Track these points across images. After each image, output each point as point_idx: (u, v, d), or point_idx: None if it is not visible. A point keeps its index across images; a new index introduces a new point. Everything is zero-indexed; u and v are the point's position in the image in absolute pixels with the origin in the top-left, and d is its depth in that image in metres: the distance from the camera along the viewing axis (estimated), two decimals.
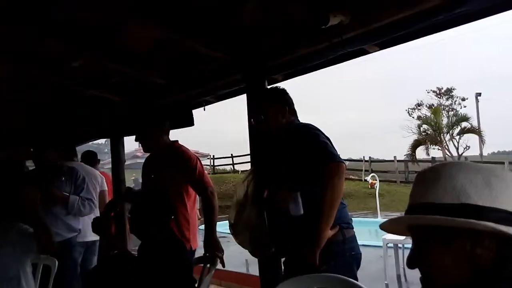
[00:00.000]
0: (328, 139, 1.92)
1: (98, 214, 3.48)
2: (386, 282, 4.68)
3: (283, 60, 2.63)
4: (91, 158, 4.38)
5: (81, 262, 3.42)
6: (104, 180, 4.14)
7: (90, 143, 5.73)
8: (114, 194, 4.14)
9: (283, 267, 2.16)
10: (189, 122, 3.72)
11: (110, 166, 4.40)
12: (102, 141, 5.77)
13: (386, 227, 0.93)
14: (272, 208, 1.97)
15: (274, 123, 2.06)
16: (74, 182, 3.16)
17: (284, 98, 2.13)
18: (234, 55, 2.83)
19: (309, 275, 1.70)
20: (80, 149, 4.66)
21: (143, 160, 2.92)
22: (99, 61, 3.43)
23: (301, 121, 2.13)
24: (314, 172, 1.82)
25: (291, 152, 1.94)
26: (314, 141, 1.87)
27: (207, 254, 2.45)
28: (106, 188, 4.10)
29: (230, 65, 2.94)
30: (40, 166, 3.13)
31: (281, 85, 2.37)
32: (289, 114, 2.09)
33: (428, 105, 24.17)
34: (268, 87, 2.60)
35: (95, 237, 3.77)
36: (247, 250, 2.28)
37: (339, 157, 1.85)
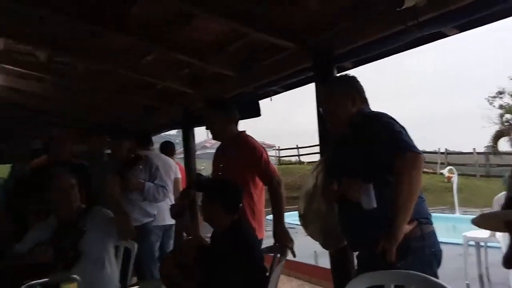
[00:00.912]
0: (404, 128, 1.82)
1: (172, 201, 3.66)
2: (467, 282, 4.38)
3: (353, 46, 2.54)
4: (168, 148, 4.59)
5: (159, 245, 3.63)
6: (178, 169, 4.31)
7: (163, 133, 6.00)
8: (187, 183, 4.30)
9: (356, 262, 2.10)
10: (256, 113, 3.75)
11: (181, 156, 4.58)
12: (173, 132, 6.09)
13: (479, 222, 0.85)
14: (343, 200, 1.91)
15: (344, 112, 1.99)
16: (149, 170, 3.33)
17: (354, 86, 2.04)
18: (302, 43, 2.78)
19: (386, 271, 1.63)
20: (155, 139, 4.87)
21: (211, 150, 3.00)
22: (170, 54, 3.57)
23: (372, 110, 2.04)
24: (389, 163, 1.74)
25: (363, 142, 1.86)
26: (389, 130, 1.78)
27: (277, 244, 2.45)
28: (180, 176, 4.27)
29: (298, 54, 2.90)
30: (118, 155, 3.33)
31: (351, 72, 2.29)
32: (360, 102, 2.01)
33: (511, 93, 22.12)
34: (337, 75, 2.52)
35: (171, 222, 3.97)
36: (316, 242, 2.24)
37: (416, 147, 1.75)
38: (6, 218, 4.39)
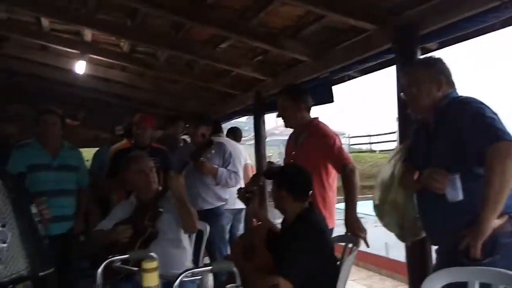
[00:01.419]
0: (496, 114, 1.64)
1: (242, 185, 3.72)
2: None
3: (439, 25, 2.34)
4: (236, 134, 4.66)
5: (229, 228, 3.73)
6: (248, 155, 4.36)
7: (233, 120, 6.08)
8: (256, 169, 4.34)
9: (435, 256, 1.96)
10: (329, 98, 3.65)
11: (249, 142, 4.62)
12: (243, 119, 6.17)
13: None
14: (423, 191, 1.78)
15: (427, 97, 1.83)
16: (222, 156, 3.42)
17: (439, 68, 1.87)
18: (383, 23, 2.63)
19: (471, 268, 1.50)
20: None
21: (279, 137, 2.97)
22: (245, 41, 3.59)
23: (461, 94, 1.86)
24: (478, 153, 1.58)
25: (449, 130, 1.71)
26: (479, 116, 1.61)
27: (349, 234, 2.38)
28: (249, 162, 4.33)
29: (378, 35, 2.75)
30: (194, 141, 3.44)
31: (436, 54, 2.10)
32: (446, 86, 1.84)
33: None
34: (421, 56, 2.34)
35: (242, 206, 4.05)
36: (388, 233, 2.13)
37: (510, 135, 1.57)
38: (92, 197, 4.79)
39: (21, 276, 1.84)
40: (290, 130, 2.79)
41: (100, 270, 1.81)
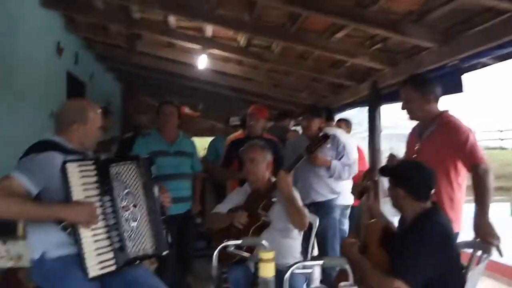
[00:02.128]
0: None
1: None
2: None
3: None
4: (347, 126, 4.50)
5: None
6: (356, 149, 4.18)
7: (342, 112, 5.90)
8: (370, 163, 4.14)
9: None
10: (458, 88, 3.29)
11: (359, 136, 4.41)
12: (353, 111, 5.88)
13: None
14: None
15: None
16: (336, 148, 3.34)
17: None
18: None
19: None
20: None
21: (398, 131, 2.76)
22: (363, 29, 3.43)
23: None
24: None
25: None
26: None
27: (478, 240, 2.12)
28: (357, 156, 4.15)
29: None
30: (308, 133, 3.41)
31: None
32: None
33: None
34: None
35: (350, 202, 3.93)
36: None
37: None
38: (207, 184, 5.11)
39: (147, 254, 2.01)
40: (403, 124, 2.58)
41: (215, 253, 1.89)
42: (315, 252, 3.27)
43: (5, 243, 2.46)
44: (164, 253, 2.07)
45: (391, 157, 2.48)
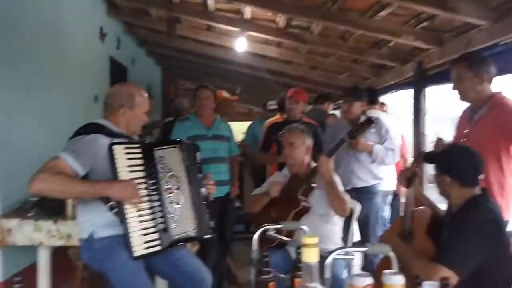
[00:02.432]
0: None
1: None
2: None
3: None
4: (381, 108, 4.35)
5: None
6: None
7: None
8: (415, 148, 4.01)
9: None
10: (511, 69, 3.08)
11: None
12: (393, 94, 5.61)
13: None
14: None
15: None
16: (378, 132, 3.22)
17: None
18: None
19: None
20: None
21: (443, 115, 2.62)
22: (410, 7, 3.27)
23: None
24: None
25: None
26: None
27: None
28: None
29: None
30: (349, 116, 3.31)
31: None
32: None
33: None
34: None
35: (391, 188, 3.83)
36: None
37: None
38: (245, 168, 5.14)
39: (190, 237, 2.05)
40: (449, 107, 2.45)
41: (255, 236, 1.89)
42: (355, 238, 3.22)
43: (56, 223, 2.58)
44: (207, 236, 2.10)
45: (439, 141, 2.37)
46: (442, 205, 2.19)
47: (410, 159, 4.10)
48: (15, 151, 2.92)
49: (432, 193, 2.32)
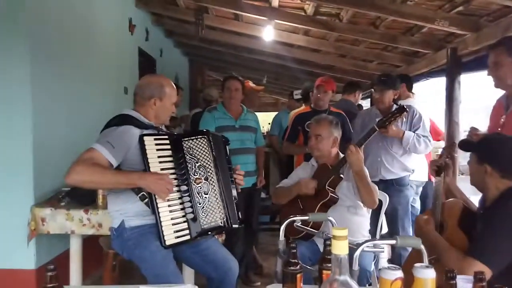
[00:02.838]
0: None
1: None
2: None
3: None
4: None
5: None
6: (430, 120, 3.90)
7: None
8: (448, 137, 3.87)
9: None
10: None
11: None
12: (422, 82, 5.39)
13: None
14: None
15: None
16: (410, 119, 3.09)
17: None
18: None
19: None
20: None
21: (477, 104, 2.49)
22: None
23: None
24: None
25: None
26: None
27: None
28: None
29: None
30: (380, 105, 3.18)
31: None
32: None
33: None
34: None
35: (422, 179, 3.71)
36: None
37: None
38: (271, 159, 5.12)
39: (218, 226, 2.06)
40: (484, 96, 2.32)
41: (283, 227, 1.88)
42: (383, 231, 3.15)
43: (87, 212, 2.66)
44: (235, 226, 2.11)
45: (473, 130, 2.27)
46: (473, 198, 2.11)
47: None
48: (48, 142, 3.00)
49: (464, 184, 2.24)
